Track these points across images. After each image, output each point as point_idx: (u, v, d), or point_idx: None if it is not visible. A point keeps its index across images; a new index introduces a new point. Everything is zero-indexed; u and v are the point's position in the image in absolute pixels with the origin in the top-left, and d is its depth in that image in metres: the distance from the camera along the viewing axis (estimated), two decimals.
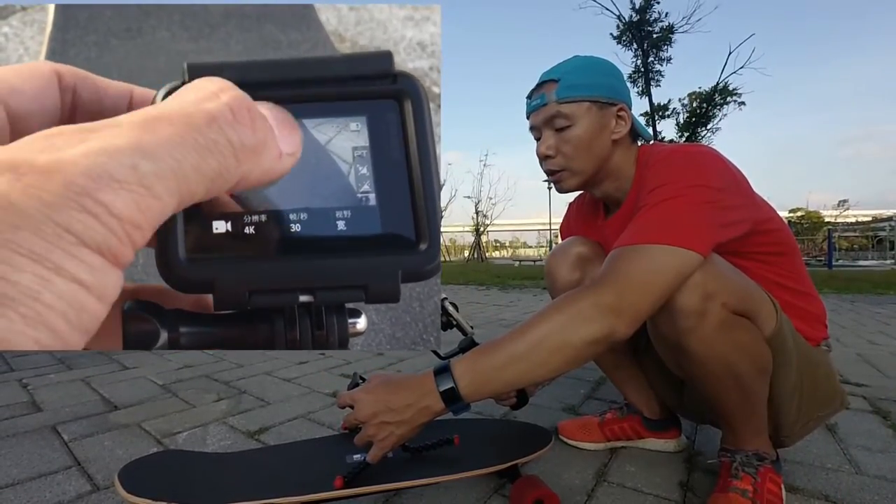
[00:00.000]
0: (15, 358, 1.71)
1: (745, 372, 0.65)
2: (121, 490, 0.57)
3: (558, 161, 0.75)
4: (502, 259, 31.25)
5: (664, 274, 0.59)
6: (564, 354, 0.57)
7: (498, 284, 6.09)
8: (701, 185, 0.63)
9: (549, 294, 0.93)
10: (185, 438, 1.01)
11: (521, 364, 0.57)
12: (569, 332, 0.57)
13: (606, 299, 0.58)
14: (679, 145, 0.72)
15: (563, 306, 0.59)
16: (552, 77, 0.74)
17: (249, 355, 1.77)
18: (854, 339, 2.16)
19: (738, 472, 0.69)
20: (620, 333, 0.58)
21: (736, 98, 14.49)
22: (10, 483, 0.81)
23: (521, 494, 0.70)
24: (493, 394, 0.60)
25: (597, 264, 0.88)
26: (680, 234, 0.60)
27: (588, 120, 0.73)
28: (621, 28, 15.07)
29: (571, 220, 0.97)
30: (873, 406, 1.20)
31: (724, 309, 0.62)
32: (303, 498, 0.59)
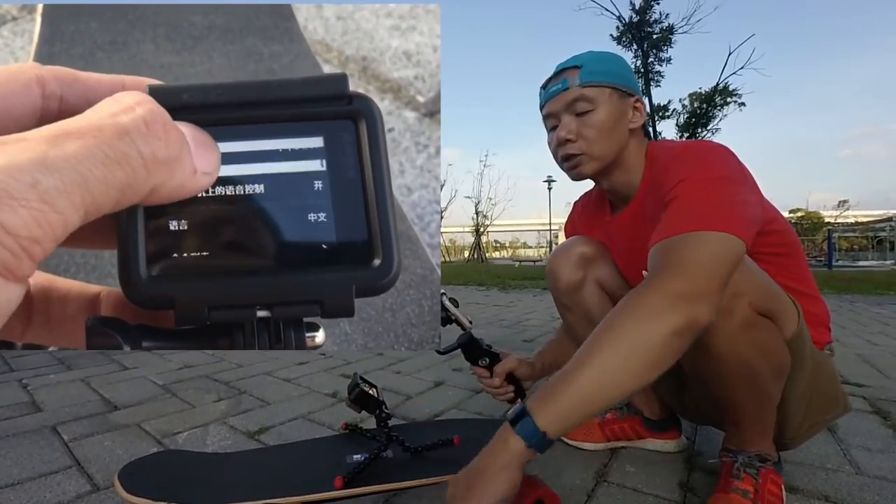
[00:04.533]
0: (15, 358, 1.71)
1: (762, 373, 0.65)
2: (121, 490, 0.57)
3: (578, 145, 0.74)
4: (502, 259, 31.25)
5: (725, 260, 0.56)
6: (647, 357, 0.52)
7: (498, 285, 6.08)
8: (727, 178, 0.62)
9: (551, 294, 0.93)
10: (185, 438, 1.01)
11: (604, 381, 0.52)
12: (645, 331, 0.52)
13: (677, 286, 0.54)
14: (692, 141, 0.71)
15: (628, 306, 0.55)
16: (574, 64, 0.74)
17: (249, 355, 1.77)
18: (854, 339, 2.16)
19: (739, 473, 0.69)
20: (703, 320, 0.53)
21: (736, 98, 14.51)
22: (10, 483, 0.81)
23: (521, 494, 0.69)
24: (581, 422, 0.55)
25: (600, 264, 0.87)
26: (729, 222, 0.57)
27: (610, 105, 0.73)
28: (621, 29, 15.08)
29: (577, 218, 0.97)
30: (873, 406, 1.20)
31: (751, 308, 0.61)
32: (303, 498, 0.59)
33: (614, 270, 0.87)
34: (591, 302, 0.88)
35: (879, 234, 23.72)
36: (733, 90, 14.45)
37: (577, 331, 0.93)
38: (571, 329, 0.94)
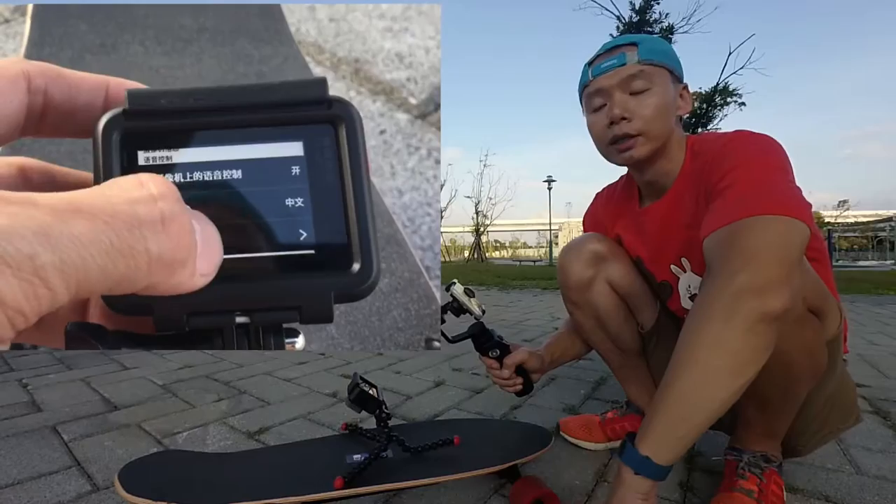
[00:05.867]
0: (15, 358, 1.71)
1: (799, 372, 0.62)
2: (121, 490, 0.57)
3: (635, 125, 0.69)
4: (502, 259, 31.26)
5: (792, 245, 0.53)
6: (729, 364, 0.51)
7: (498, 285, 6.08)
8: (781, 168, 0.60)
9: (561, 290, 0.92)
10: (185, 438, 1.01)
11: (694, 399, 0.52)
12: (724, 340, 0.51)
13: (742, 280, 0.51)
14: (738, 131, 0.68)
15: (697, 315, 0.54)
16: (631, 41, 0.71)
17: (249, 355, 1.77)
18: (854, 339, 2.16)
19: (744, 473, 0.69)
20: (777, 309, 0.50)
21: (736, 98, 14.49)
22: (10, 483, 0.81)
23: (521, 494, 0.70)
24: (692, 442, 0.56)
25: (611, 263, 0.86)
26: (792, 207, 0.54)
27: (666, 87, 0.70)
28: (621, 29, 15.06)
29: (599, 210, 0.94)
30: (873, 406, 1.20)
31: (804, 304, 0.59)
32: (303, 498, 0.59)
33: (627, 269, 0.86)
34: (599, 301, 0.87)
35: (879, 234, 23.73)
36: (733, 90, 14.44)
37: (584, 329, 0.92)
38: (579, 327, 0.94)
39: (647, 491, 0.56)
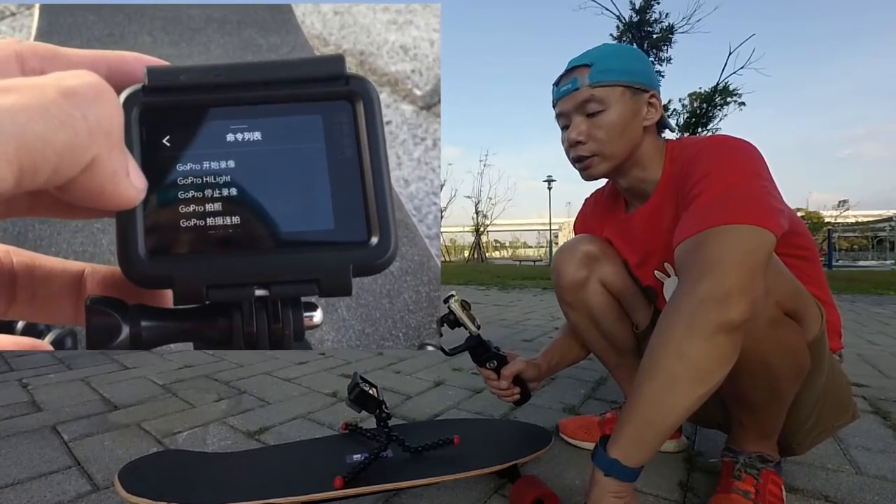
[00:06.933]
0: (15, 358, 1.71)
1: (782, 373, 0.63)
2: (121, 490, 0.57)
3: (589, 147, 0.73)
4: (502, 259, 31.25)
5: (756, 253, 0.54)
6: (690, 373, 0.53)
7: (498, 285, 6.08)
8: (754, 173, 0.60)
9: (555, 290, 0.93)
10: (185, 438, 1.01)
11: (658, 403, 0.54)
12: (685, 350, 0.52)
13: (705, 289, 0.52)
14: (716, 135, 0.70)
15: (663, 321, 0.56)
16: (583, 62, 0.72)
17: (249, 355, 1.77)
18: (854, 339, 2.16)
19: (740, 474, 0.69)
20: (737, 319, 0.52)
21: (736, 98, 14.49)
22: (10, 483, 0.81)
23: (521, 494, 0.70)
24: (659, 446, 0.57)
25: (604, 263, 0.87)
26: (759, 214, 0.56)
27: (622, 105, 0.71)
28: (621, 28, 15.05)
29: (588, 214, 0.95)
30: (873, 406, 1.20)
31: (778, 307, 0.60)
32: (303, 498, 0.59)
33: (620, 270, 0.87)
34: (593, 301, 0.88)
35: (879, 234, 23.74)
36: (733, 90, 14.43)
37: (579, 329, 0.93)
38: (574, 327, 0.94)
39: (619, 490, 0.57)
